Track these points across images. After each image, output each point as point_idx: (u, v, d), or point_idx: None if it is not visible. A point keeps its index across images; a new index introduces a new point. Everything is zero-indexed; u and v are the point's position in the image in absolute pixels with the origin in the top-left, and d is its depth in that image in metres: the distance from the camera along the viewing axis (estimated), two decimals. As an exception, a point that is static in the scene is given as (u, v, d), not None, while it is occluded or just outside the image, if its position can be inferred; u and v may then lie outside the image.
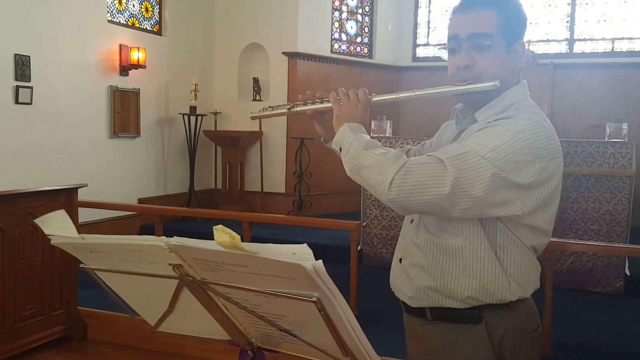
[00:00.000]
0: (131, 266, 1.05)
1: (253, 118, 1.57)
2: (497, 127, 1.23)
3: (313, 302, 0.89)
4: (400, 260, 1.43)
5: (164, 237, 0.95)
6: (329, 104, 1.43)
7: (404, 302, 1.43)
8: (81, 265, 1.12)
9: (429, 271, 1.33)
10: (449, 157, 1.18)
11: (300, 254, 0.85)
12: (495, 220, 1.27)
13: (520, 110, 1.29)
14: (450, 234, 1.31)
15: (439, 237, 1.32)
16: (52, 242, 1.07)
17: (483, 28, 1.29)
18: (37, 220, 1.09)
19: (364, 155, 1.26)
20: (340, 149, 1.33)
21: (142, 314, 1.23)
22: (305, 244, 0.86)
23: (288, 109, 1.49)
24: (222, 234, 0.85)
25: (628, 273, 4.09)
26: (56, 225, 1.07)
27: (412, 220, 1.41)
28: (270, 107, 1.55)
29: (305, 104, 1.48)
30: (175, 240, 0.94)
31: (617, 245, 3.74)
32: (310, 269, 0.85)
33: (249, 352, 1.19)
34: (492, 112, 1.31)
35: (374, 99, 1.40)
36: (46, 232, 1.07)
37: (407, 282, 1.39)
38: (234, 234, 0.85)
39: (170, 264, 0.98)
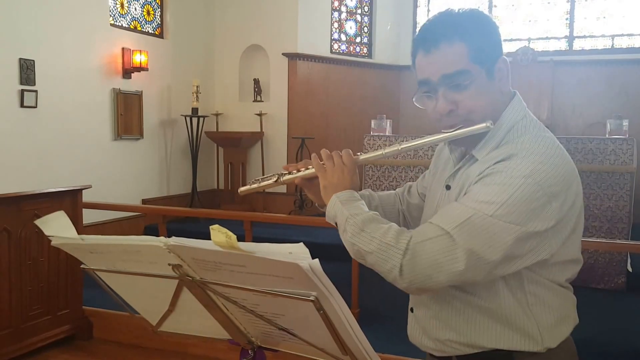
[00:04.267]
0: (131, 266, 1.05)
1: (242, 193, 1.50)
2: (500, 176, 1.08)
3: (311, 301, 0.89)
4: (412, 309, 1.31)
5: (162, 238, 0.95)
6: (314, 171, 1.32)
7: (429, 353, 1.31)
8: (82, 266, 1.13)
9: (449, 324, 1.20)
10: (454, 227, 1.05)
11: (297, 253, 0.85)
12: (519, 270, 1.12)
13: (520, 136, 1.15)
14: (469, 287, 1.17)
15: (458, 290, 1.18)
16: (52, 242, 1.08)
17: (455, 66, 1.13)
18: (37, 222, 1.10)
19: (362, 239, 1.11)
20: (337, 224, 1.21)
21: (144, 314, 1.23)
22: (301, 243, 0.85)
23: (275, 180, 1.43)
24: (219, 234, 0.85)
25: (630, 269, 4.08)
26: (56, 226, 1.07)
27: None
28: (257, 179, 1.48)
29: (290, 173, 1.39)
30: (174, 240, 0.93)
31: (618, 241, 3.74)
32: (307, 268, 0.84)
33: (249, 351, 1.19)
34: (492, 146, 1.17)
35: (360, 158, 1.28)
36: (46, 233, 1.07)
37: (426, 334, 1.26)
38: (230, 233, 0.85)
39: (169, 264, 0.98)
